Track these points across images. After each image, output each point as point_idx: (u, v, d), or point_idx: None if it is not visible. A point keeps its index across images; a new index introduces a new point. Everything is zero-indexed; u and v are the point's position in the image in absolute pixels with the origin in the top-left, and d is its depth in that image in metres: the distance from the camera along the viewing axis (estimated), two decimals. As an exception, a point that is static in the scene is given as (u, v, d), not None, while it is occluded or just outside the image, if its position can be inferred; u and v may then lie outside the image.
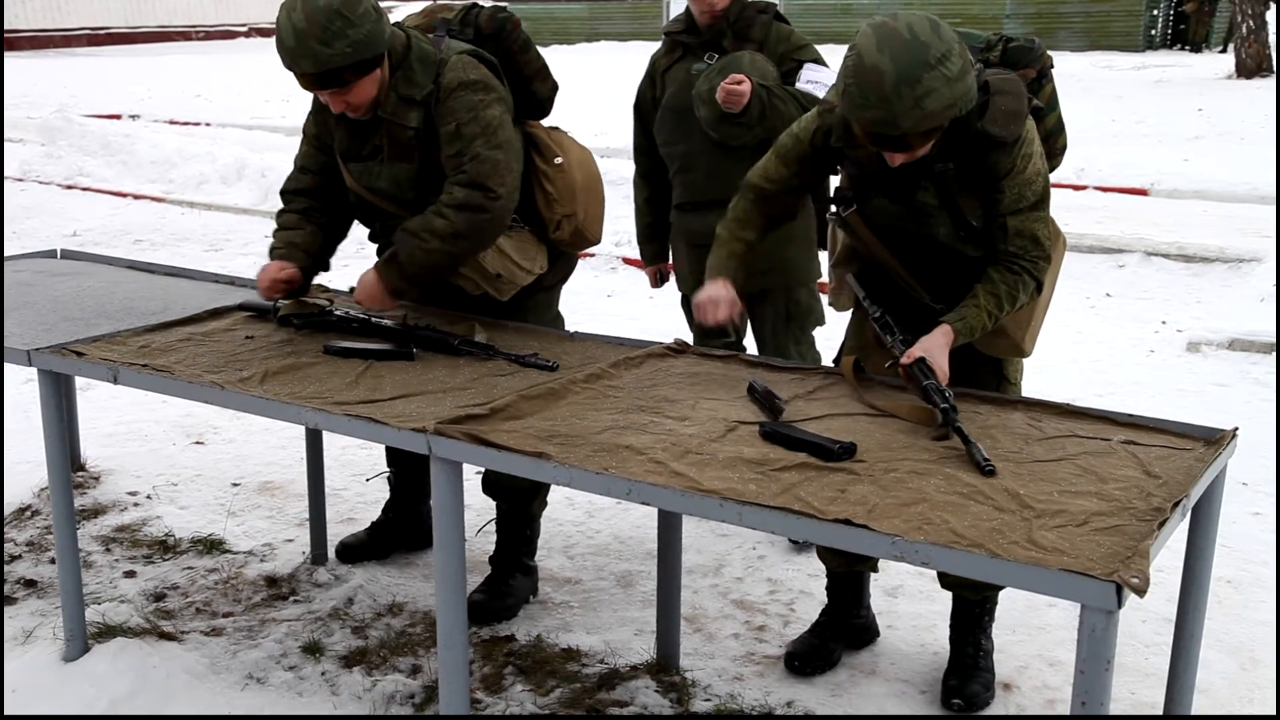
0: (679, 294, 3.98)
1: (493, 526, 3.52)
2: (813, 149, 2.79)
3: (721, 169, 3.59)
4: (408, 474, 3.69)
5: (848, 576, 3.17)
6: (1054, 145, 2.85)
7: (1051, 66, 2.79)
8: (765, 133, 3.43)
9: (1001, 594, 3.31)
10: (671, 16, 16.69)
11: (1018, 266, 2.62)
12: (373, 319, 3.04)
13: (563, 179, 3.20)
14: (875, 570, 3.26)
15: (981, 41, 2.75)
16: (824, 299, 3.60)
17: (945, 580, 3.00)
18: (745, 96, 3.40)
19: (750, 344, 3.88)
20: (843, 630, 3.18)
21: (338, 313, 3.10)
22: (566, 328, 3.32)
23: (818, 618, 3.22)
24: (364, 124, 3.04)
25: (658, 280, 4.12)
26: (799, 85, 3.53)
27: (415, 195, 3.06)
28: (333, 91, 2.91)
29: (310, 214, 3.24)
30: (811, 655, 3.11)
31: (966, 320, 2.58)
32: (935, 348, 2.52)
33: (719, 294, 2.76)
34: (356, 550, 3.71)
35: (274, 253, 3.20)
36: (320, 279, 3.28)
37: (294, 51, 2.81)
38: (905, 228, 2.70)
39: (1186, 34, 26.60)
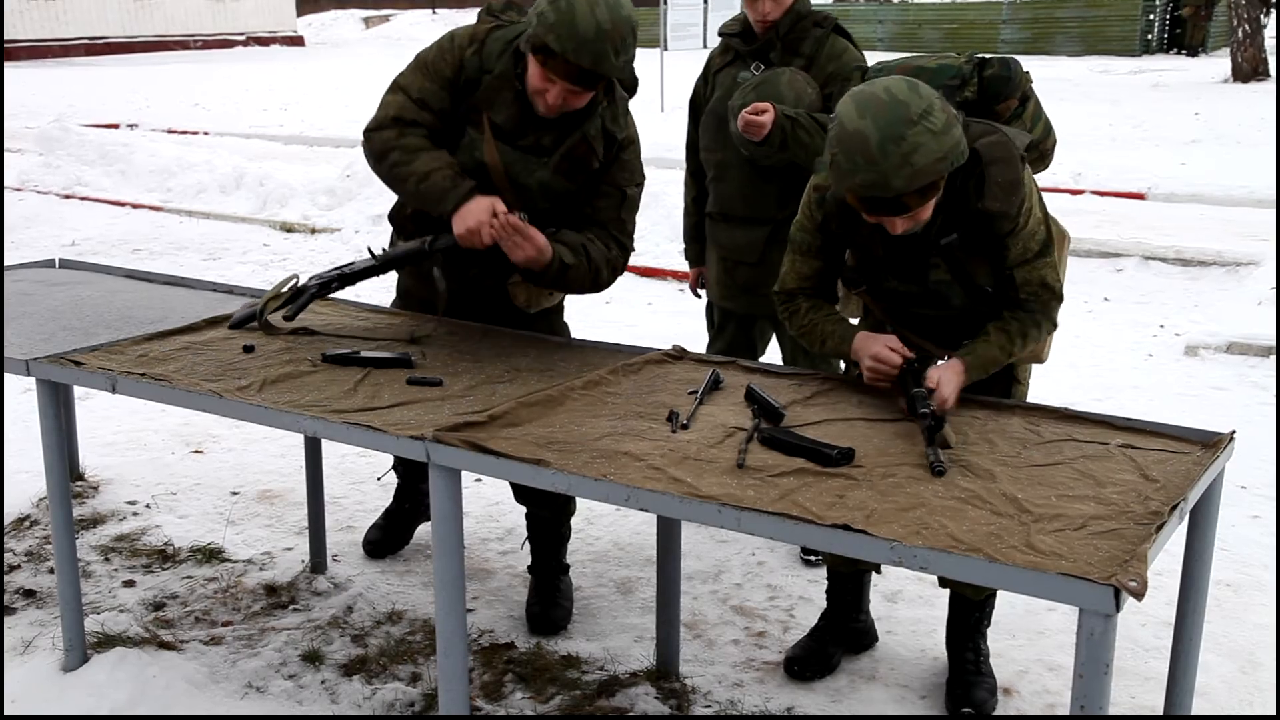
0: (690, 301, 3.94)
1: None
2: (823, 236, 2.75)
3: (751, 185, 3.55)
4: (412, 461, 3.74)
5: (850, 578, 3.17)
6: (1043, 148, 2.86)
7: (1030, 84, 2.78)
8: (790, 159, 3.40)
9: (1000, 599, 3.31)
10: (670, 24, 16.58)
11: (1031, 307, 2.63)
12: (345, 270, 3.05)
13: None
14: (878, 571, 3.26)
15: (956, 76, 2.71)
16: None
17: (944, 579, 3.00)
18: (765, 128, 3.32)
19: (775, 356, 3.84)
20: (842, 634, 3.18)
21: (314, 282, 3.10)
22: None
23: (817, 622, 3.22)
24: (537, 116, 2.97)
25: (699, 283, 4.00)
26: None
27: (551, 206, 3.04)
28: (576, 90, 2.85)
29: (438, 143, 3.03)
30: (810, 660, 3.11)
31: (976, 354, 2.58)
32: (946, 374, 2.51)
33: (874, 349, 2.63)
34: (382, 544, 3.79)
35: (450, 178, 2.91)
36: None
37: (586, 44, 2.74)
38: (921, 308, 2.70)
39: (1183, 38, 26.65)
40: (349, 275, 3.08)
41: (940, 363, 2.60)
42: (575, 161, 2.99)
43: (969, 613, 3.03)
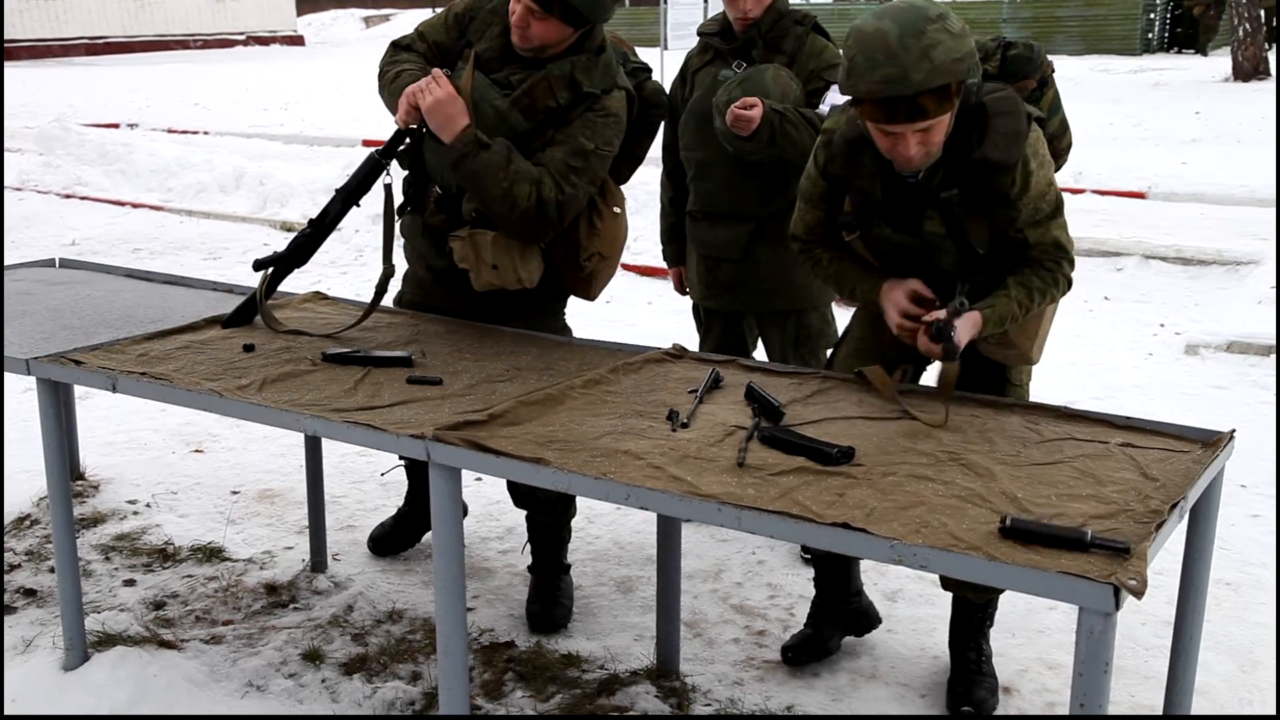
0: (689, 301, 3.95)
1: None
2: (827, 181, 2.76)
3: (735, 182, 3.55)
4: (420, 465, 3.72)
5: (833, 557, 3.11)
6: (1058, 146, 2.86)
7: (1052, 72, 2.79)
8: (778, 154, 3.40)
9: (1001, 597, 3.31)
10: (670, 23, 16.51)
11: (1048, 265, 2.65)
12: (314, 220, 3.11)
13: (612, 226, 3.21)
14: None
15: (980, 50, 2.71)
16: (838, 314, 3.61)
17: (947, 582, 3.00)
18: (754, 122, 3.32)
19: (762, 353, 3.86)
20: (837, 617, 3.16)
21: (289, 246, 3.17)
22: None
23: (810, 608, 3.21)
24: (514, 55, 3.02)
25: (680, 283, 4.01)
26: (822, 107, 3.40)
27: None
28: (540, 14, 2.89)
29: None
30: (805, 646, 3.10)
31: (996, 308, 2.60)
32: (961, 323, 2.52)
33: (899, 302, 2.67)
34: (385, 542, 3.80)
35: (418, 75, 3.01)
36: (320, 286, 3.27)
37: None
38: (911, 259, 2.69)
39: (1183, 37, 26.63)
40: (321, 222, 3.10)
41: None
42: (534, 98, 3.00)
43: (971, 614, 3.02)
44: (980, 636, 3.03)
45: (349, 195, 3.10)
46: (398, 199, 3.22)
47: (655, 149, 3.79)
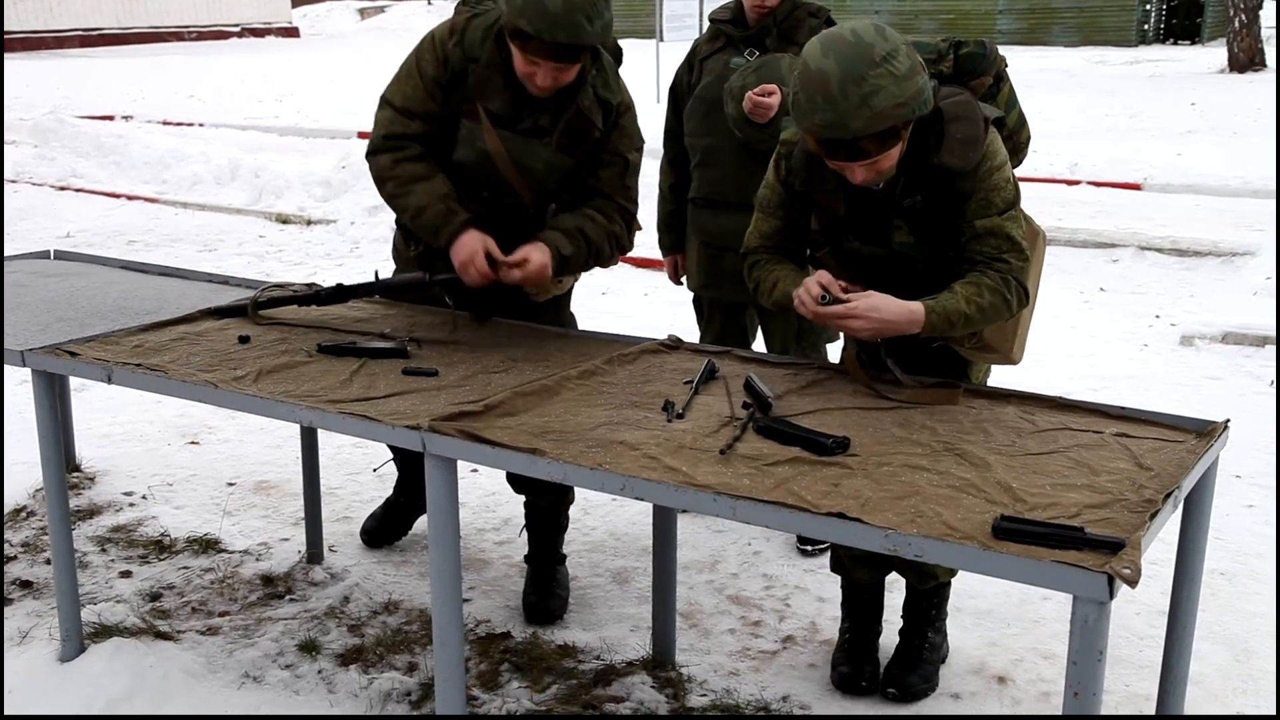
0: (686, 292, 3.94)
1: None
2: (788, 192, 2.72)
3: (743, 170, 3.52)
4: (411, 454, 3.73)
5: (874, 588, 3.09)
6: (1018, 140, 2.81)
7: (1006, 66, 2.76)
8: None
9: (996, 587, 3.32)
10: (666, 15, 16.50)
11: (996, 266, 2.54)
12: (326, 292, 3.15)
13: None
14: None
15: (933, 51, 2.68)
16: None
17: (896, 565, 3.01)
18: (773, 109, 3.31)
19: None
20: (873, 643, 3.10)
21: (309, 289, 3.20)
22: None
23: (846, 636, 3.10)
24: (530, 98, 2.98)
25: (675, 272, 3.99)
26: None
27: (558, 185, 3.07)
28: (562, 66, 2.87)
29: (431, 160, 3.05)
30: (862, 674, 3.01)
31: (942, 303, 2.50)
32: (886, 304, 2.48)
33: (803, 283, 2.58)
34: (378, 534, 3.80)
35: (442, 214, 2.97)
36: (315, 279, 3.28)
37: (558, 20, 2.75)
38: (883, 269, 2.65)
39: (1179, 28, 26.64)
40: (346, 290, 3.15)
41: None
42: (575, 135, 3.00)
43: (918, 600, 3.03)
44: (926, 624, 3.02)
45: (387, 293, 3.22)
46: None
47: (655, 140, 3.78)
